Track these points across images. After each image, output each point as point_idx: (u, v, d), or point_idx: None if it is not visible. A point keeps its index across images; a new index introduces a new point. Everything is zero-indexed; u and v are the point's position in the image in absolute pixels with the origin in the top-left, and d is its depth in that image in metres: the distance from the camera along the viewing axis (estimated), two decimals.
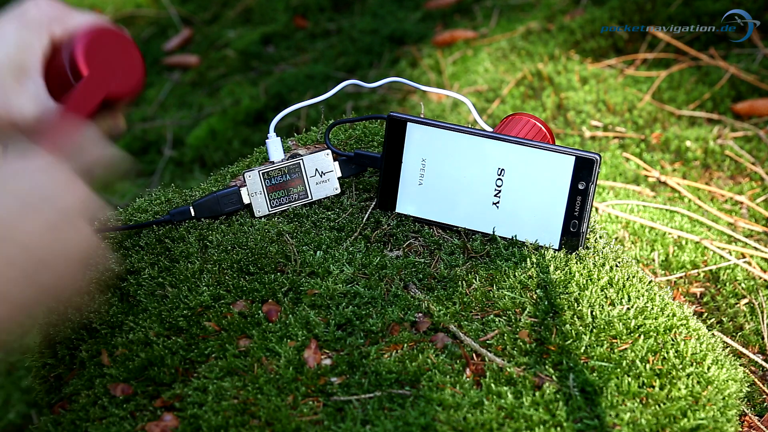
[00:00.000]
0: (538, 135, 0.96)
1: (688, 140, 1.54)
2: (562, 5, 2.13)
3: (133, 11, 3.19)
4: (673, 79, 1.75)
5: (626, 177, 1.48)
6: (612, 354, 0.80)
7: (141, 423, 0.77)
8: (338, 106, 2.19)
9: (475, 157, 0.91)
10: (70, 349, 0.91)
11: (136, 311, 0.87)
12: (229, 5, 3.05)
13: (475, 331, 0.82)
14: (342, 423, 0.75)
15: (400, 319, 0.83)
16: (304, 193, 0.97)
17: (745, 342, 1.08)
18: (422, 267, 0.89)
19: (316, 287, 0.86)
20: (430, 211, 0.94)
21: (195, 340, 0.83)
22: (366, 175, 1.00)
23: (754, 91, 1.67)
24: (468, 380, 0.78)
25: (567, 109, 1.70)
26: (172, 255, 0.92)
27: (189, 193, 1.02)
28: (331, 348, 0.81)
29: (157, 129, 2.49)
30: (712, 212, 1.35)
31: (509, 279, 0.86)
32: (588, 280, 0.86)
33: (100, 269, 0.92)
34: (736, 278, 1.18)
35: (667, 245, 1.25)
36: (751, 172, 1.45)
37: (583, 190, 0.88)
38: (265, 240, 0.91)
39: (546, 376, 0.78)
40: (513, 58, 1.96)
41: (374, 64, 2.39)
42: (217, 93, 2.58)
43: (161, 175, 2.30)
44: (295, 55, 2.63)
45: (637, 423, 0.74)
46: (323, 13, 2.78)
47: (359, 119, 1.02)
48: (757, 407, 0.96)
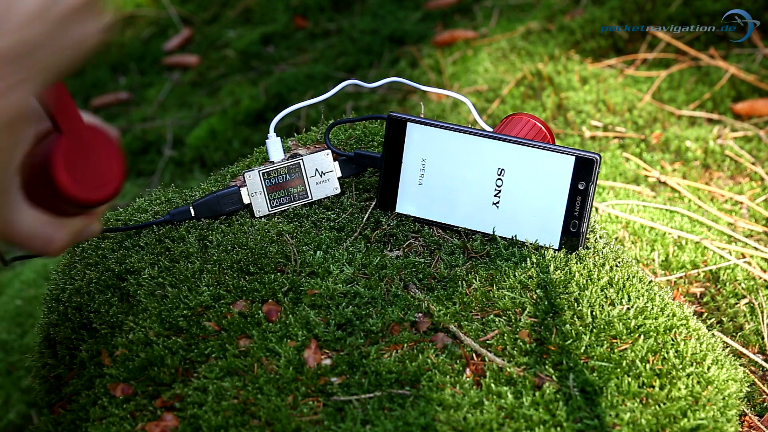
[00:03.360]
0: (538, 135, 0.96)
1: (688, 140, 1.54)
2: (562, 5, 2.13)
3: (133, 11, 3.19)
4: (673, 79, 1.75)
5: (626, 177, 1.48)
6: (612, 354, 0.80)
7: (141, 423, 0.77)
8: (338, 106, 2.19)
9: (475, 157, 0.91)
10: (70, 349, 0.91)
11: (136, 311, 0.87)
12: (229, 5, 3.05)
13: (475, 331, 0.82)
14: (342, 423, 0.75)
15: (400, 319, 0.83)
16: (304, 193, 0.97)
17: (745, 342, 1.08)
18: (422, 267, 0.89)
19: (316, 287, 0.86)
20: (430, 211, 0.94)
21: (195, 340, 0.83)
22: (366, 175, 1.00)
23: (754, 91, 1.67)
24: (468, 380, 0.78)
25: (567, 109, 1.70)
26: (172, 255, 0.92)
27: (189, 193, 1.02)
28: (331, 348, 0.81)
29: (157, 129, 2.49)
30: (712, 212, 1.35)
31: (509, 279, 0.86)
32: (588, 280, 0.86)
33: (100, 269, 0.92)
34: (736, 278, 1.18)
35: (667, 245, 1.25)
36: (751, 172, 1.45)
37: (583, 190, 0.88)
38: (265, 240, 0.91)
39: (546, 376, 0.78)
40: (513, 58, 1.96)
41: (374, 64, 2.40)
42: (217, 93, 2.58)
43: (161, 175, 2.30)
44: (295, 55, 2.63)
45: (637, 423, 0.74)
46: (323, 13, 2.79)
47: (359, 119, 1.02)
48: (757, 407, 0.96)
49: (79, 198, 0.64)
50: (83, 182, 0.65)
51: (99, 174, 0.66)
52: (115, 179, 0.67)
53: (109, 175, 0.67)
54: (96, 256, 0.95)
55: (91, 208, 0.67)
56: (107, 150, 0.67)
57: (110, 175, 0.67)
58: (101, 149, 0.67)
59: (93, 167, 0.66)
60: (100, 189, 0.66)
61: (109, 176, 0.67)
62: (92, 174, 0.66)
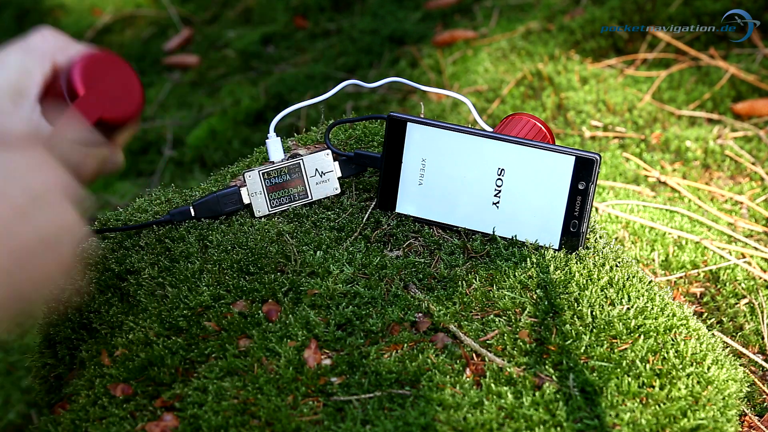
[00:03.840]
0: (538, 135, 0.96)
1: (688, 140, 1.54)
2: (562, 5, 2.13)
3: (133, 11, 3.19)
4: (673, 79, 1.75)
5: (626, 177, 1.48)
6: (612, 354, 0.80)
7: (141, 423, 0.77)
8: (338, 106, 2.19)
9: (475, 157, 0.91)
10: (70, 349, 0.91)
11: (136, 311, 0.87)
12: (229, 5, 3.05)
13: (475, 331, 0.82)
14: (342, 423, 0.75)
15: (400, 319, 0.83)
16: (304, 193, 0.97)
17: (745, 342, 1.08)
18: (422, 267, 0.89)
19: (316, 287, 0.86)
20: (430, 211, 0.94)
21: (195, 340, 0.83)
22: (366, 175, 1.00)
23: (754, 91, 1.67)
24: (468, 380, 0.78)
25: (567, 109, 1.70)
26: (172, 255, 0.92)
27: (189, 193, 1.02)
28: (331, 348, 0.81)
29: (157, 129, 2.49)
30: (712, 212, 1.35)
31: (509, 279, 0.86)
32: (588, 280, 0.86)
33: (100, 269, 0.92)
34: (736, 278, 1.18)
35: (667, 245, 1.25)
36: (751, 172, 1.45)
37: (583, 190, 0.88)
38: (265, 240, 0.91)
39: (546, 376, 0.78)
40: (513, 58, 1.96)
41: (374, 64, 2.39)
42: (217, 93, 2.58)
43: (161, 175, 2.30)
44: (295, 55, 2.63)
45: (637, 423, 0.74)
46: (323, 13, 2.79)
47: (359, 119, 1.02)
48: (757, 407, 0.96)
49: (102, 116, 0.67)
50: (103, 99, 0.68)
51: (119, 93, 0.70)
52: (135, 99, 0.70)
53: (128, 95, 0.70)
54: (96, 256, 0.95)
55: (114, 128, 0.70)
56: (124, 73, 0.70)
57: (130, 96, 0.70)
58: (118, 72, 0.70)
59: (112, 86, 0.69)
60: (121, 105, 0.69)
61: (128, 96, 0.70)
62: (112, 92, 0.69)
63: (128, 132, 0.75)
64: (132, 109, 0.72)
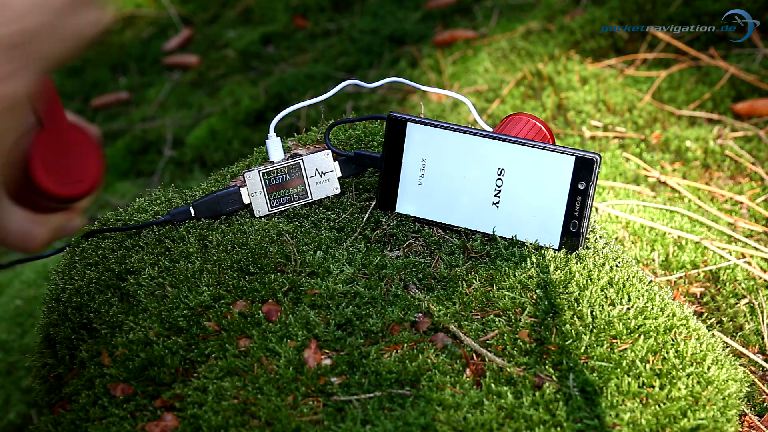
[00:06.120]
0: (538, 135, 0.96)
1: (688, 140, 1.54)
2: (562, 5, 2.13)
3: (133, 11, 3.19)
4: (673, 79, 1.75)
5: (626, 177, 1.48)
6: (612, 354, 0.80)
7: (141, 423, 0.77)
8: (338, 106, 2.19)
9: (475, 157, 0.91)
10: (70, 349, 0.91)
11: (136, 311, 0.87)
12: (229, 5, 3.05)
13: (475, 331, 0.82)
14: (342, 423, 0.75)
15: (400, 319, 0.83)
16: (304, 193, 0.97)
17: (745, 342, 1.08)
18: (422, 267, 0.89)
19: (316, 287, 0.86)
20: (430, 211, 0.94)
21: (195, 340, 0.83)
22: (366, 175, 1.00)
23: (754, 91, 1.67)
24: (468, 380, 0.78)
25: (567, 109, 1.70)
26: (172, 255, 0.92)
27: (189, 193, 1.02)
28: (331, 348, 0.81)
29: (157, 129, 2.49)
30: (712, 212, 1.35)
31: (509, 279, 0.86)
32: (588, 280, 0.86)
33: (100, 269, 0.92)
34: (736, 278, 1.18)
35: (667, 245, 1.25)
36: (751, 172, 1.45)
37: (583, 190, 0.88)
38: (265, 240, 0.91)
39: (546, 376, 0.78)
40: (513, 58, 1.96)
41: (374, 64, 2.40)
42: (217, 93, 2.58)
43: (161, 175, 2.30)
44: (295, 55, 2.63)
45: (637, 423, 0.74)
46: (323, 13, 2.79)
47: (359, 119, 1.02)
48: (757, 407, 0.96)
49: (54, 192, 0.65)
50: (59, 177, 0.65)
51: (76, 170, 0.67)
52: (93, 176, 0.68)
53: (86, 172, 0.68)
54: (96, 256, 0.95)
55: (67, 203, 0.68)
56: (86, 148, 0.68)
57: (88, 172, 0.68)
58: (80, 146, 0.68)
59: (71, 163, 0.67)
60: (76, 184, 0.67)
61: (86, 173, 0.68)
62: (69, 170, 0.67)
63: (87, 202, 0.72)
64: (89, 186, 0.69)
